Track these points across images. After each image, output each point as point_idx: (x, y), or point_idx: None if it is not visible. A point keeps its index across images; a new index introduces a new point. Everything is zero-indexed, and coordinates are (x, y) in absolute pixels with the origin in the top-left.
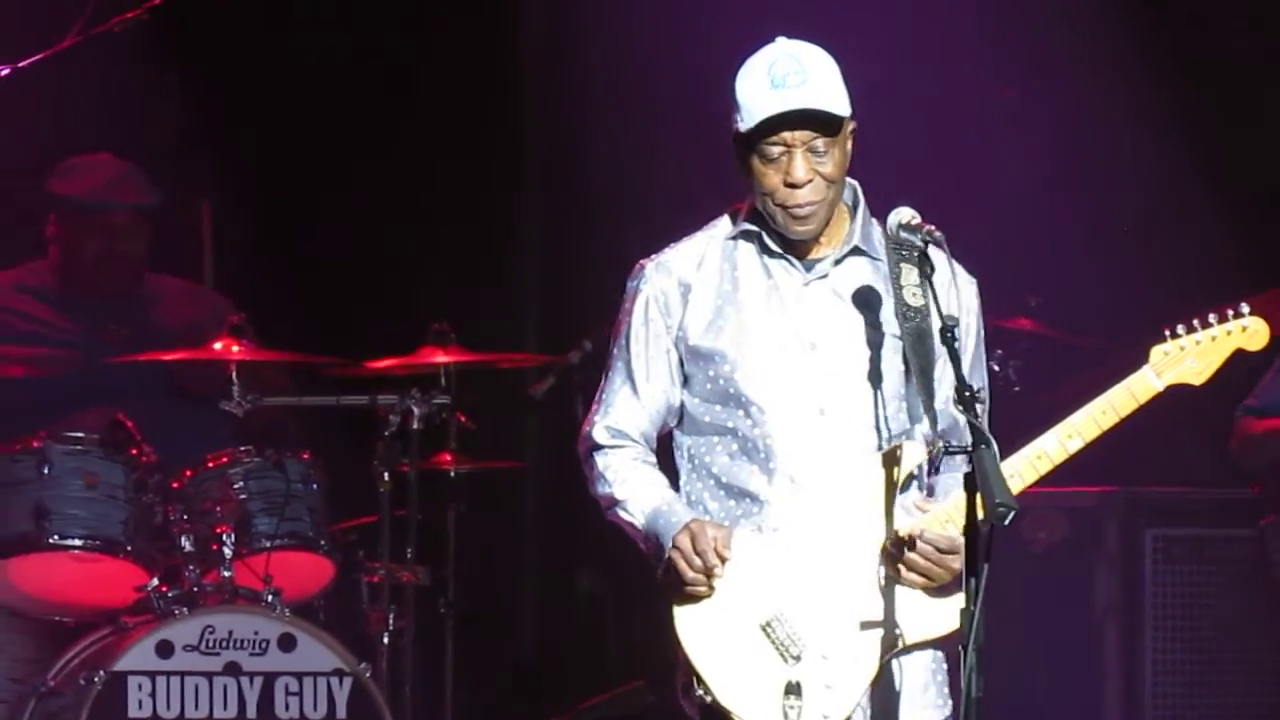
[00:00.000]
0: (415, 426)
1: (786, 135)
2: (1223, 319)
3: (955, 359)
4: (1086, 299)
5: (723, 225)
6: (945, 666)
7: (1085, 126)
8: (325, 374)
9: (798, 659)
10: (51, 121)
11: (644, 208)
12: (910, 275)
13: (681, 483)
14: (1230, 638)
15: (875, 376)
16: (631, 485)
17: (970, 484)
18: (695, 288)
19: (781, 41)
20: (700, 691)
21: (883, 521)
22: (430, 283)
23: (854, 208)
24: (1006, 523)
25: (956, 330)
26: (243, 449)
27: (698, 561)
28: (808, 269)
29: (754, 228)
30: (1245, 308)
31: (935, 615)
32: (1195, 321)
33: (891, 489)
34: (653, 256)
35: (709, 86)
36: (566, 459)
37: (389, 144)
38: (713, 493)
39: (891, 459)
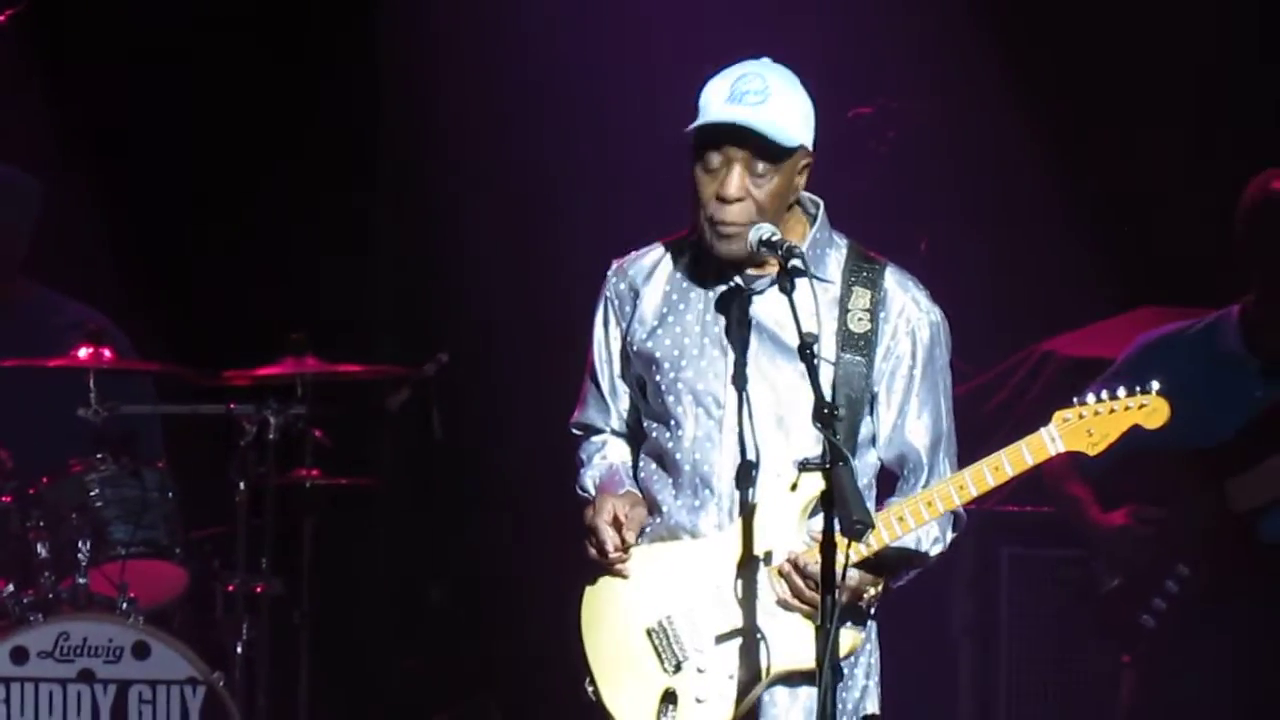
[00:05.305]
0: (271, 437)
1: (730, 149)
2: (1130, 393)
3: (812, 376)
4: None
5: (684, 236)
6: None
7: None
8: (183, 383)
9: (676, 669)
10: None
11: (509, 219)
12: (860, 299)
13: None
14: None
15: (795, 401)
16: (590, 467)
17: (827, 501)
18: (645, 294)
19: (760, 61)
20: (590, 689)
21: (779, 546)
22: (283, 292)
23: (812, 226)
24: (864, 540)
25: (816, 347)
26: (99, 457)
27: (593, 538)
28: (747, 285)
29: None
30: (1154, 385)
31: (813, 645)
32: (1103, 393)
33: (793, 515)
34: (622, 258)
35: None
36: (421, 472)
37: (234, 150)
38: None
39: (796, 485)
